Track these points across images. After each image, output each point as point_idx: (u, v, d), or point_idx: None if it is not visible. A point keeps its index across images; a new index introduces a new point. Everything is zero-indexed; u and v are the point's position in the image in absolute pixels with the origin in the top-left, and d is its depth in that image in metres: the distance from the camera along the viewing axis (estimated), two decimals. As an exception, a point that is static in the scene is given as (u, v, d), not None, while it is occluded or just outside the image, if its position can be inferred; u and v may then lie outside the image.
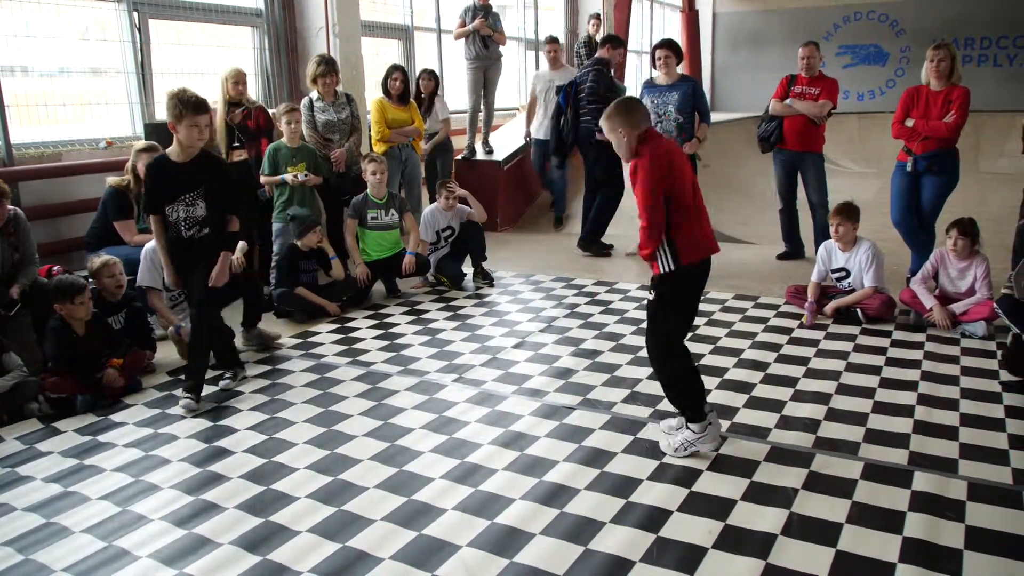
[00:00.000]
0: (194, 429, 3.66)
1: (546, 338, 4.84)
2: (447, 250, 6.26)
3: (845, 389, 3.93)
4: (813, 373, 4.16)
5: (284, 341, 4.88)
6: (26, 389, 3.83)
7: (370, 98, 6.87)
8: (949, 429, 3.46)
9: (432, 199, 6.47)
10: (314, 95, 6.09)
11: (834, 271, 5.14)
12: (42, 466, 3.33)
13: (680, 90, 5.98)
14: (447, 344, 4.76)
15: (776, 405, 3.76)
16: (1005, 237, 5.48)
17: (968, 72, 5.51)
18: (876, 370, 4.17)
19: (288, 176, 5.56)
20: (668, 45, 6.11)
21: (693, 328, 3.50)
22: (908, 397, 3.81)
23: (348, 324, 5.22)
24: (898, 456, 3.22)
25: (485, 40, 8.38)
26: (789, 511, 2.83)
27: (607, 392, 3.97)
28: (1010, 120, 11.04)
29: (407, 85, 6.70)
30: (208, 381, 4.08)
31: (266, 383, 4.21)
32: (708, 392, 3.88)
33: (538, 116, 8.00)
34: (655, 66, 6.18)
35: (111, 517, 2.92)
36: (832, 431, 3.46)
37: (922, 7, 14.46)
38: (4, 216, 4.17)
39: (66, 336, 3.96)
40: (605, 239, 7.03)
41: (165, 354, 4.61)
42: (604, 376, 4.19)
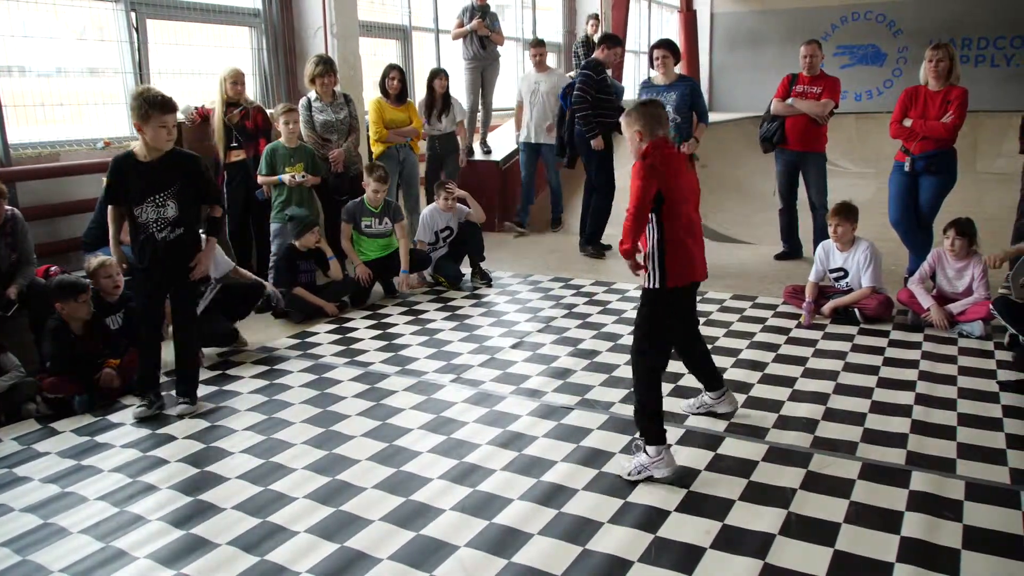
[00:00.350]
0: (192, 429, 3.65)
1: (544, 338, 4.84)
2: (445, 250, 6.26)
3: (843, 389, 3.93)
4: (811, 373, 4.16)
5: (282, 342, 4.88)
6: (24, 389, 3.83)
7: (368, 98, 6.86)
8: (947, 429, 3.47)
9: (430, 199, 6.47)
10: (312, 95, 6.09)
11: (832, 271, 5.14)
12: (40, 467, 3.33)
13: (678, 90, 5.98)
14: (445, 344, 4.76)
15: (774, 405, 3.76)
16: (1002, 237, 5.50)
17: (965, 72, 5.51)
18: (874, 370, 4.17)
19: (286, 177, 5.56)
20: (666, 45, 6.11)
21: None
22: (906, 397, 3.82)
23: (346, 324, 5.21)
24: (896, 456, 3.23)
25: (483, 40, 8.38)
26: (787, 511, 2.83)
27: (605, 392, 3.98)
28: (1007, 120, 11.07)
29: (405, 85, 6.70)
30: (204, 381, 4.07)
31: (264, 383, 4.21)
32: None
33: (524, 120, 7.80)
34: (653, 66, 6.18)
35: (109, 518, 2.91)
36: (830, 431, 3.47)
37: (920, 7, 14.49)
38: (2, 216, 4.16)
39: (64, 336, 3.96)
40: (605, 239, 7.05)
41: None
42: (602, 376, 4.19)
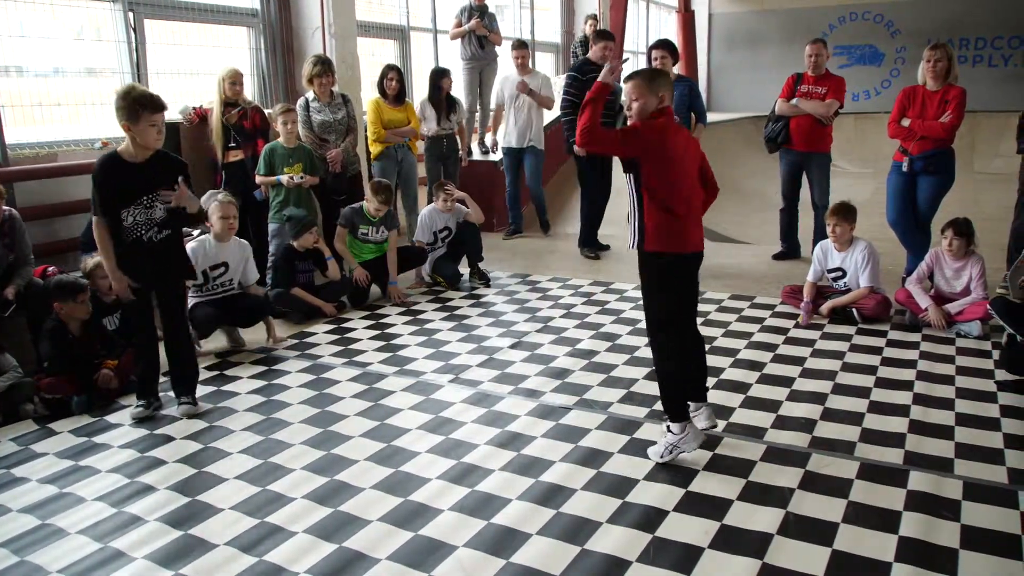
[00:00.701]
0: (190, 430, 3.65)
1: (542, 338, 4.84)
2: (444, 251, 6.26)
3: (841, 389, 3.94)
4: (809, 373, 4.16)
5: (280, 342, 4.88)
6: (21, 390, 3.82)
7: (366, 98, 6.86)
8: (945, 429, 3.47)
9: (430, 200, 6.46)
10: (310, 95, 6.08)
11: (830, 271, 5.15)
12: (37, 467, 3.32)
13: (676, 91, 5.96)
14: (443, 344, 4.76)
15: (772, 405, 3.76)
16: (1000, 237, 5.50)
17: (963, 72, 5.52)
18: (872, 370, 4.18)
19: (284, 178, 5.55)
20: (664, 46, 6.11)
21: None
22: (904, 397, 3.82)
23: (344, 325, 5.21)
24: (894, 456, 3.23)
25: (481, 40, 8.38)
26: (785, 511, 2.83)
27: (603, 392, 3.97)
28: (1005, 120, 11.06)
29: (403, 85, 6.69)
30: (202, 382, 4.07)
31: (262, 384, 4.20)
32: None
33: (507, 123, 7.58)
34: (651, 67, 6.18)
35: (107, 518, 2.91)
36: (828, 431, 3.47)
37: (917, 8, 14.50)
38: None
39: (62, 337, 3.95)
40: (602, 239, 7.05)
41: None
42: (600, 376, 4.19)
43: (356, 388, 4.10)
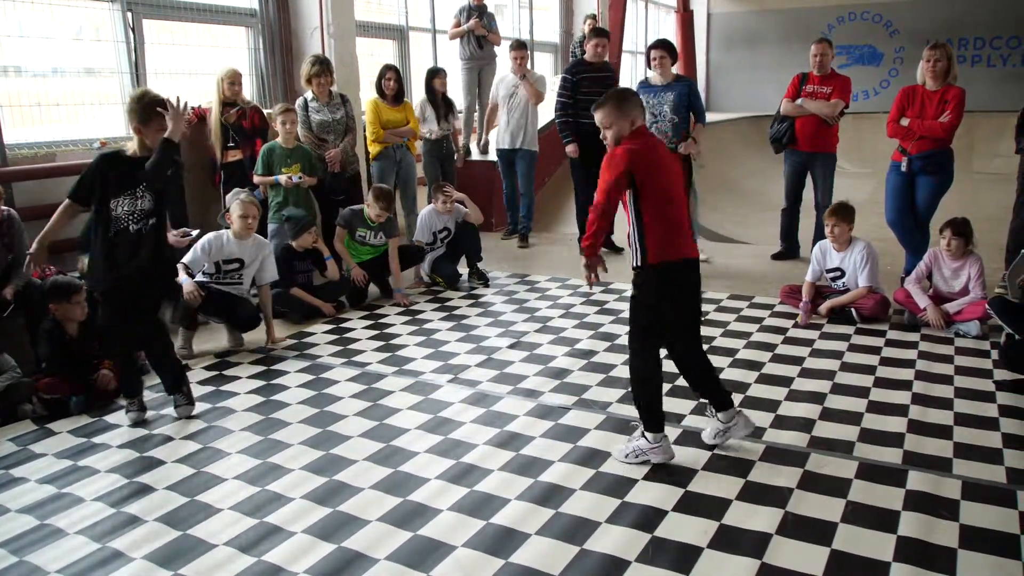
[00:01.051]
0: (189, 430, 3.65)
1: (541, 338, 4.84)
2: (443, 251, 6.26)
3: (840, 388, 3.94)
4: (808, 373, 4.17)
5: (279, 342, 4.87)
6: (20, 390, 3.82)
7: (365, 98, 6.86)
8: (943, 428, 3.47)
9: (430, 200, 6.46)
10: (309, 95, 6.08)
11: (829, 271, 5.15)
12: (36, 467, 3.32)
13: (675, 90, 5.98)
14: (442, 344, 4.76)
15: (771, 405, 3.76)
16: (999, 237, 5.50)
17: (962, 72, 5.52)
18: (871, 369, 4.18)
19: (282, 178, 5.55)
20: (663, 45, 6.10)
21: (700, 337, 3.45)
22: (902, 396, 3.82)
23: (343, 325, 5.21)
24: (893, 455, 3.23)
25: (480, 40, 8.37)
26: (784, 510, 2.83)
27: (602, 392, 3.97)
28: (1004, 120, 11.06)
29: (401, 85, 6.69)
30: (201, 382, 4.06)
31: (261, 384, 4.20)
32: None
33: (500, 124, 7.37)
34: (650, 66, 6.18)
35: (105, 518, 2.91)
36: (827, 430, 3.47)
37: (916, 8, 14.51)
38: (-2, 217, 4.16)
39: (59, 337, 3.95)
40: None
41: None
42: (599, 376, 4.19)
43: (355, 388, 4.10)
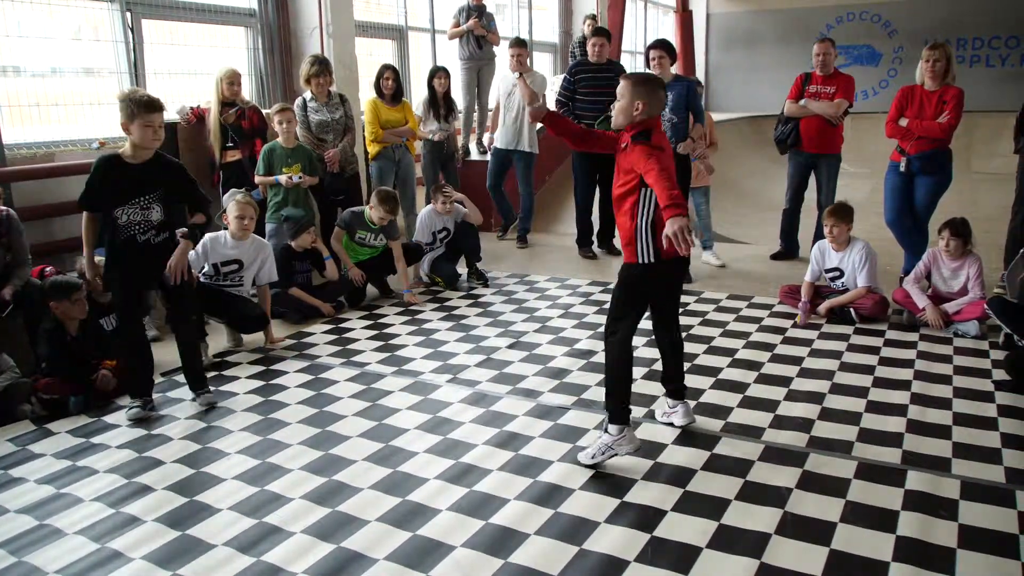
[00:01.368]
0: (188, 430, 3.65)
1: (541, 338, 4.84)
2: (442, 251, 6.26)
3: (839, 388, 3.94)
4: (807, 373, 4.17)
5: (280, 342, 4.87)
6: (19, 390, 3.81)
7: (364, 98, 6.86)
8: (942, 428, 3.48)
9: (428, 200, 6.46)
10: (308, 95, 6.08)
11: (828, 271, 5.15)
12: (35, 468, 3.32)
13: (674, 90, 5.97)
14: (442, 344, 4.76)
15: (770, 405, 3.77)
16: (998, 237, 5.51)
17: (960, 72, 5.52)
18: (869, 369, 4.18)
19: (282, 178, 5.55)
20: (662, 45, 6.09)
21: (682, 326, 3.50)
22: (901, 396, 3.82)
23: (342, 325, 5.21)
24: (891, 455, 3.23)
25: (479, 40, 8.38)
26: (783, 510, 2.83)
27: (601, 392, 3.93)
28: (1003, 120, 11.08)
29: (400, 85, 6.69)
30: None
31: (260, 384, 4.20)
32: (702, 392, 3.92)
33: (499, 122, 7.32)
34: (649, 67, 6.17)
35: (104, 519, 2.91)
36: (826, 430, 3.47)
37: (915, 7, 14.52)
38: (-4, 217, 4.16)
39: (59, 337, 3.95)
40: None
41: (158, 356, 4.58)
42: (598, 376, 4.18)
43: (354, 388, 4.10)
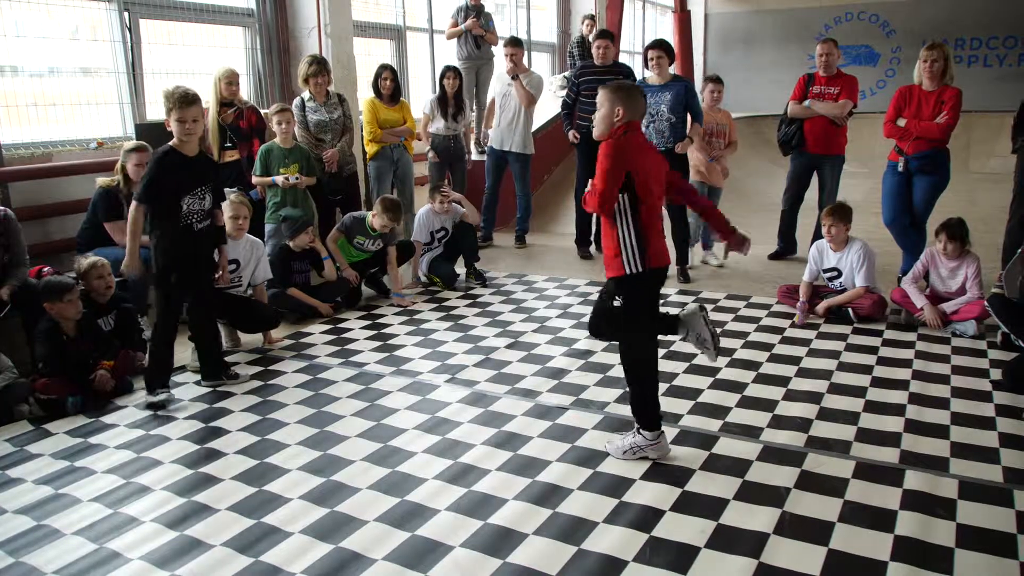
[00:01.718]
0: (186, 431, 3.64)
1: (539, 338, 4.84)
2: (440, 251, 6.26)
3: (837, 388, 3.94)
4: (805, 372, 4.17)
5: (276, 342, 4.87)
6: (17, 391, 3.81)
7: (362, 98, 6.86)
8: (940, 428, 3.48)
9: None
10: (306, 95, 6.08)
11: (826, 271, 5.16)
12: (33, 468, 3.31)
13: (672, 90, 5.98)
14: (440, 344, 4.76)
15: (768, 404, 3.77)
16: (995, 237, 5.52)
17: (958, 72, 5.52)
18: (867, 369, 4.19)
19: (280, 178, 5.54)
20: (660, 46, 6.10)
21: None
22: (899, 396, 3.83)
23: (341, 325, 5.21)
24: (890, 455, 3.24)
25: (477, 40, 8.38)
26: (781, 510, 2.83)
27: (600, 392, 3.98)
28: (1000, 120, 11.08)
29: (398, 85, 6.69)
30: (198, 382, 4.06)
31: (258, 384, 4.20)
32: (700, 392, 3.92)
33: (495, 122, 7.28)
34: (647, 67, 6.18)
35: (103, 519, 2.90)
36: (824, 430, 3.48)
37: (913, 8, 14.54)
38: (-6, 217, 4.16)
39: (56, 337, 3.94)
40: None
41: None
42: (597, 376, 4.19)
43: (352, 388, 4.10)
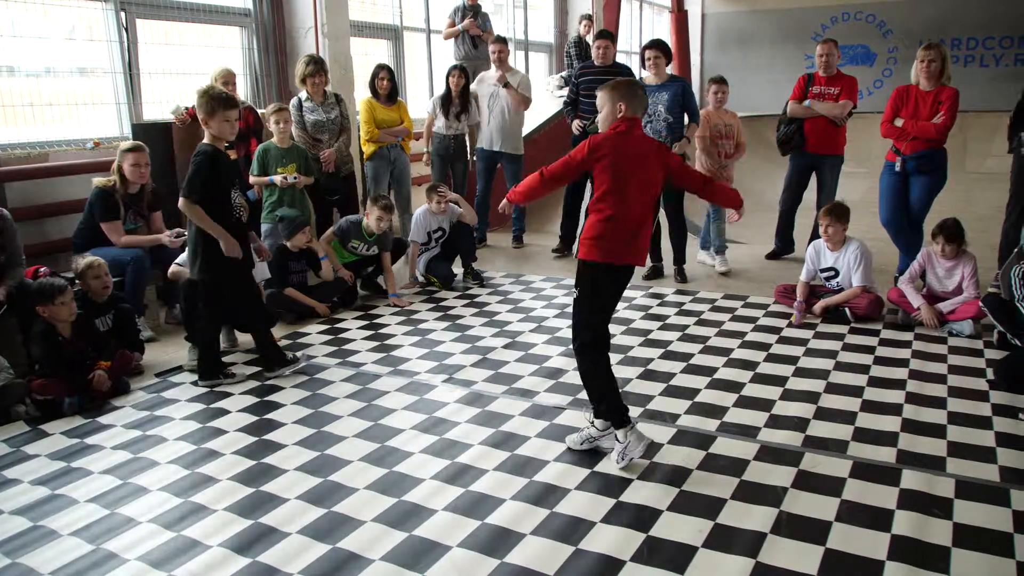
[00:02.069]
0: (183, 431, 3.64)
1: (536, 338, 4.84)
2: (437, 251, 6.26)
3: (834, 388, 3.95)
4: (802, 372, 4.18)
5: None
6: (13, 391, 3.80)
7: (359, 98, 6.85)
8: (937, 427, 3.49)
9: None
10: (303, 95, 6.08)
11: (823, 271, 5.16)
12: (29, 469, 3.30)
13: (670, 90, 5.98)
14: (437, 344, 4.76)
15: (766, 404, 3.77)
16: (991, 237, 5.53)
17: (955, 72, 5.53)
18: (864, 369, 4.19)
19: (278, 178, 5.54)
20: (657, 46, 6.11)
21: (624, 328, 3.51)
22: (896, 395, 3.83)
23: (338, 325, 5.20)
24: (887, 454, 3.24)
25: (474, 40, 8.37)
26: (779, 510, 2.84)
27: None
28: (997, 120, 11.07)
29: (394, 84, 6.69)
30: (195, 383, 4.05)
31: (255, 384, 4.19)
32: (698, 392, 3.92)
33: (482, 124, 7.16)
34: (644, 67, 6.18)
35: (99, 520, 2.90)
36: (821, 430, 3.48)
37: (910, 7, 14.56)
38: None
39: (52, 338, 3.93)
40: None
41: (153, 356, 4.59)
42: (594, 376, 4.19)
43: (350, 388, 4.10)
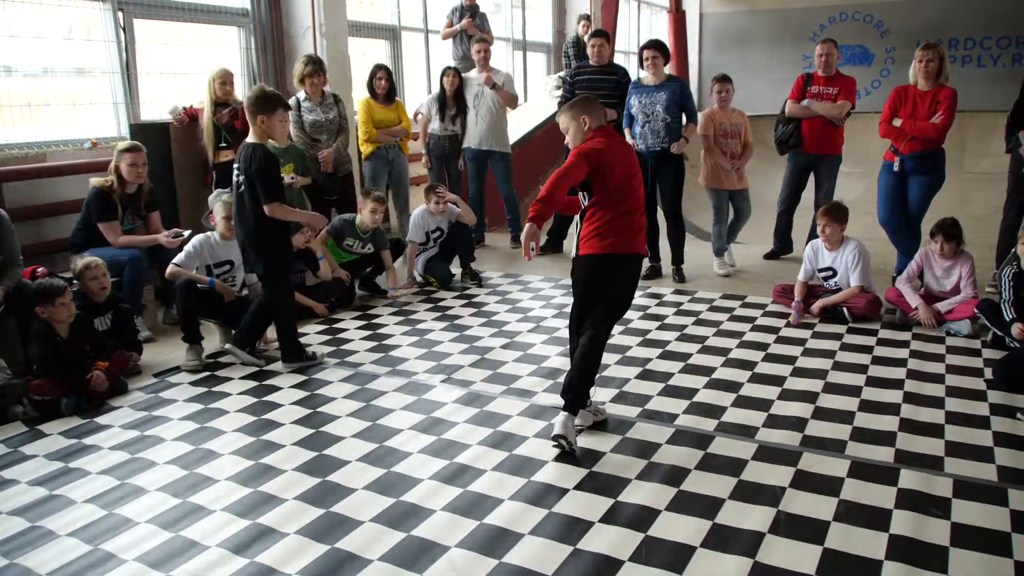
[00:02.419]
0: (180, 432, 3.63)
1: (535, 338, 4.84)
2: (436, 251, 6.26)
3: (832, 388, 3.95)
4: (800, 372, 4.18)
5: (271, 343, 4.85)
6: (11, 392, 3.80)
7: (357, 98, 6.85)
8: (935, 427, 3.49)
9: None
10: (301, 95, 6.07)
11: (821, 270, 5.17)
12: (27, 469, 3.30)
13: (668, 90, 5.98)
14: (436, 344, 4.76)
15: (763, 404, 3.77)
16: (989, 236, 5.53)
17: (952, 72, 5.54)
18: (862, 368, 4.20)
19: (275, 177, 5.53)
20: (655, 46, 6.10)
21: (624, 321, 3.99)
22: (894, 395, 3.84)
23: (336, 325, 5.20)
24: (884, 454, 3.25)
25: (473, 40, 8.36)
26: (777, 509, 2.84)
27: (595, 392, 3.96)
28: (994, 120, 11.11)
29: (393, 85, 6.68)
30: (193, 383, 4.04)
31: (254, 384, 4.19)
32: (696, 391, 3.93)
33: (469, 124, 7.10)
34: (643, 67, 6.18)
35: (97, 520, 2.90)
36: (819, 429, 3.48)
37: (908, 8, 14.56)
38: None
39: (50, 339, 3.92)
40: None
41: (151, 356, 4.58)
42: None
43: (348, 388, 4.10)
